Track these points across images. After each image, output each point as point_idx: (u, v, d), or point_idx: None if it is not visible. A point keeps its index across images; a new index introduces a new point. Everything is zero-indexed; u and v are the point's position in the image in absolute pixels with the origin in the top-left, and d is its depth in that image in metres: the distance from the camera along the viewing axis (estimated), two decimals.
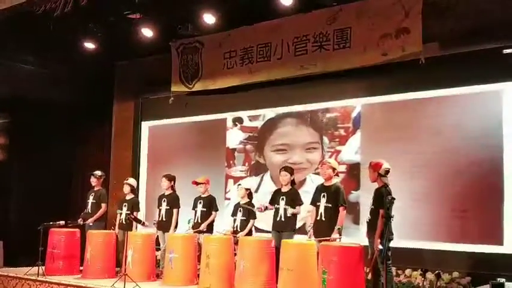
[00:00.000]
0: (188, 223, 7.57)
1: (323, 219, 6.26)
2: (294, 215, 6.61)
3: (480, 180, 6.52)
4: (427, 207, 6.83)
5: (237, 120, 8.87)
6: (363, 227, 6.89)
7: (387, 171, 5.82)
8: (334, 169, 6.42)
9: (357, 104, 7.65)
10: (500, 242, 6.33)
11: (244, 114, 8.82)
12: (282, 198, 6.67)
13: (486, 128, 6.60)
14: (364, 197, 7.16)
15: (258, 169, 8.57)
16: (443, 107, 6.95)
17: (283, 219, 6.61)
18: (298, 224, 6.70)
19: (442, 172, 6.81)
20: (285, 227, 6.58)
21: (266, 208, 6.80)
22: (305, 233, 7.00)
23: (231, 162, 8.84)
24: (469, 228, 6.56)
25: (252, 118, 8.75)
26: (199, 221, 7.44)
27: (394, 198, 5.37)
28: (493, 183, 6.42)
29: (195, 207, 7.55)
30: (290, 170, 6.84)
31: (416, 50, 6.55)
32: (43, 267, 7.40)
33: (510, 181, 6.35)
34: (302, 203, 6.67)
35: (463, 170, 6.64)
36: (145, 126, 10.12)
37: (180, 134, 9.56)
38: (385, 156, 6.14)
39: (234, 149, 8.84)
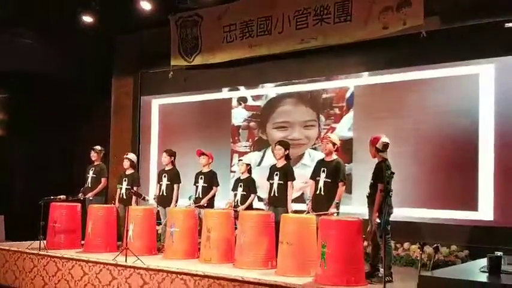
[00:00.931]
0: (189, 199, 7.61)
1: (322, 193, 6.29)
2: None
3: (459, 153, 6.90)
4: (410, 174, 7.05)
5: (242, 100, 9.15)
6: (355, 195, 7.33)
7: (385, 146, 5.74)
8: (334, 144, 6.42)
9: (350, 86, 7.91)
10: (475, 208, 6.71)
11: (248, 93, 9.06)
12: (276, 174, 6.71)
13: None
14: (356, 169, 7.57)
15: (260, 145, 8.86)
16: (432, 87, 7.12)
17: (276, 194, 6.67)
18: (296, 195, 6.76)
19: (425, 143, 7.14)
20: (278, 202, 6.63)
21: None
22: (303, 202, 7.07)
23: (236, 138, 9.14)
24: (448, 196, 6.89)
25: (256, 98, 9.00)
26: (200, 196, 7.48)
27: (393, 173, 5.36)
28: (469, 155, 6.80)
29: (196, 182, 7.58)
30: (285, 145, 6.85)
31: (417, 24, 6.50)
32: (44, 242, 7.43)
33: (484, 152, 6.71)
34: (294, 179, 6.72)
35: (445, 144, 6.99)
36: (156, 103, 10.17)
37: (188, 112, 9.75)
38: (375, 131, 6.21)
39: (238, 126, 9.15)
